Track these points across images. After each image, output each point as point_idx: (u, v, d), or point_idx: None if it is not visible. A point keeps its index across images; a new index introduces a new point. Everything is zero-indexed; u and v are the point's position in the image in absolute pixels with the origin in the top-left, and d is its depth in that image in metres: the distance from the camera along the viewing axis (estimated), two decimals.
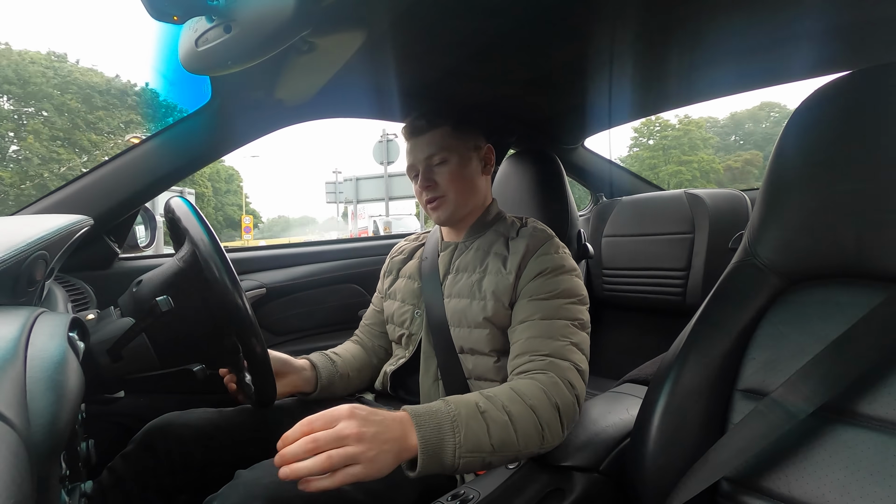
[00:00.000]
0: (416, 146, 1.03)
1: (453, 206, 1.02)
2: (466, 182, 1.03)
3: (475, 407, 0.70)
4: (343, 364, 1.11)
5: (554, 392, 0.78)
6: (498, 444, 0.69)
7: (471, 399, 0.72)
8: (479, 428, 0.68)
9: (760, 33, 1.02)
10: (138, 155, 1.12)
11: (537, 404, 0.75)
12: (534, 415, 0.74)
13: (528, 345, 0.86)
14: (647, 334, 1.94)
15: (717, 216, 1.68)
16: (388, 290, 1.16)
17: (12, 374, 0.42)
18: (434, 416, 0.67)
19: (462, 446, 0.66)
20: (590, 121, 1.72)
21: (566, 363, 0.83)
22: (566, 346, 0.85)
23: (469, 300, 0.97)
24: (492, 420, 0.70)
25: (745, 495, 0.64)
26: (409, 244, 1.20)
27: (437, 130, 1.01)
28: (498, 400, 0.73)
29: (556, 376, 0.80)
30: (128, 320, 0.81)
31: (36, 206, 1.08)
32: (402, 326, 1.08)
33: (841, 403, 0.59)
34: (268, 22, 0.64)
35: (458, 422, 0.67)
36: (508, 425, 0.71)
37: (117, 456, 0.91)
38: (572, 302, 0.90)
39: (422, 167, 1.03)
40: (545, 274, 0.92)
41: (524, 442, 0.72)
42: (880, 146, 0.61)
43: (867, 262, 0.63)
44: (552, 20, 0.93)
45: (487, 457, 0.68)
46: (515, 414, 0.72)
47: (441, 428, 0.66)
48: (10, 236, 0.60)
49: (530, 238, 0.97)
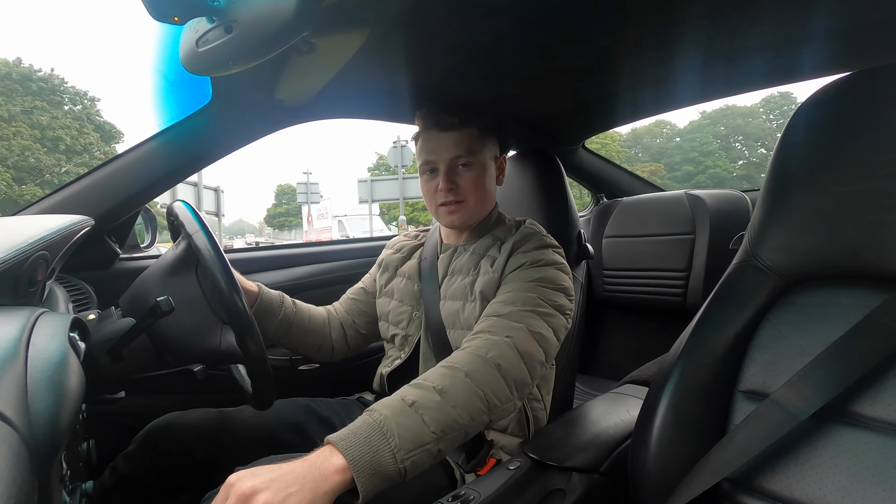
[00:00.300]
0: (441, 142, 0.99)
1: (470, 213, 1.01)
2: (485, 190, 1.02)
3: (401, 402, 0.66)
4: (295, 314, 1.07)
5: (493, 352, 0.75)
6: (440, 428, 0.65)
7: (396, 396, 0.68)
8: (413, 422, 0.64)
9: (761, 34, 1.02)
10: (139, 155, 1.12)
11: (472, 370, 0.72)
12: (470, 383, 0.70)
13: (489, 310, 0.86)
14: (648, 335, 1.94)
15: (718, 217, 1.68)
16: (385, 288, 1.14)
17: (13, 374, 0.42)
18: (359, 433, 0.62)
19: (400, 448, 0.61)
20: (590, 121, 1.72)
21: (517, 324, 0.80)
22: (525, 311, 0.83)
23: (462, 302, 0.97)
24: (424, 408, 0.66)
25: (746, 496, 0.64)
26: (407, 242, 1.19)
27: (466, 131, 0.99)
28: (428, 382, 0.69)
29: (496, 337, 0.77)
30: (129, 321, 0.81)
31: (37, 207, 1.08)
32: (398, 327, 1.08)
33: (842, 405, 0.59)
34: (269, 22, 0.64)
35: (387, 426, 0.63)
36: (444, 404, 0.67)
37: (119, 455, 0.92)
38: (548, 287, 0.88)
39: (445, 166, 0.99)
40: (524, 266, 0.92)
41: (468, 414, 0.68)
42: (882, 147, 0.61)
43: (868, 263, 0.63)
44: (552, 21, 0.93)
45: (434, 445, 0.65)
46: (449, 389, 0.69)
47: (370, 440, 0.61)
48: (11, 236, 0.60)
49: (516, 237, 0.98)
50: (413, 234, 1.22)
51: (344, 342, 1.16)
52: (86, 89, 30.18)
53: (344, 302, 1.20)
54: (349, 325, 1.18)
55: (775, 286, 0.71)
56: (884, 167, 0.61)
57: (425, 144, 1.01)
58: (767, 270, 0.72)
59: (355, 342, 1.18)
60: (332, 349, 1.15)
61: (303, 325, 1.08)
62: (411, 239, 1.19)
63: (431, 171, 1.02)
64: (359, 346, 1.19)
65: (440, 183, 0.99)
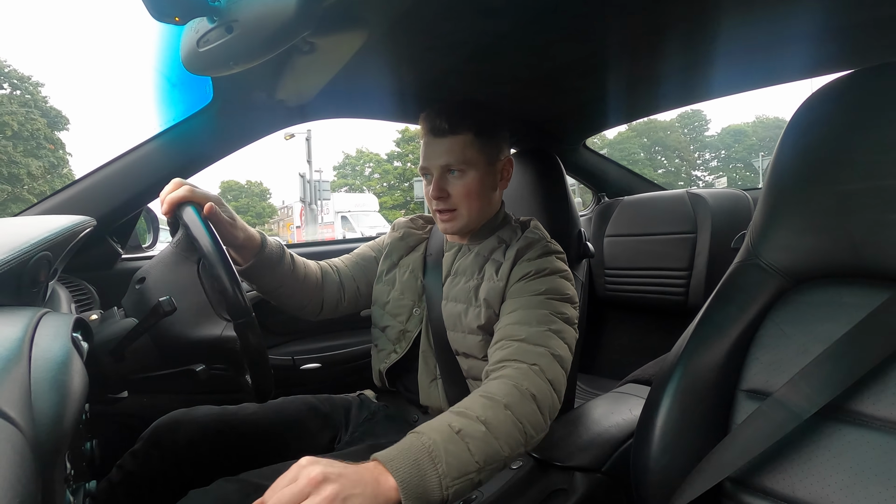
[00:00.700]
0: (434, 149, 0.96)
1: (463, 222, 0.98)
2: (481, 198, 0.98)
3: (449, 429, 0.65)
4: (291, 273, 1.01)
5: (525, 382, 0.75)
6: (483, 458, 0.65)
7: (443, 422, 0.67)
8: (460, 450, 0.63)
9: (761, 33, 1.02)
10: (141, 156, 1.12)
11: (511, 402, 0.72)
12: (511, 414, 0.70)
13: (505, 331, 0.85)
14: (650, 334, 1.94)
15: (720, 216, 1.68)
16: (386, 276, 1.10)
17: (16, 374, 0.43)
18: (408, 454, 0.61)
19: (447, 475, 0.61)
20: (590, 121, 1.72)
21: (540, 348, 0.80)
22: (543, 332, 0.82)
23: (465, 305, 0.96)
24: (470, 437, 0.65)
25: (748, 496, 0.64)
26: (414, 231, 1.14)
27: (459, 137, 0.94)
28: (471, 412, 0.69)
29: (524, 364, 0.77)
30: (131, 321, 0.81)
31: (39, 207, 1.08)
32: (396, 319, 1.05)
33: (845, 404, 0.59)
34: (269, 23, 0.64)
35: (436, 451, 0.61)
36: (488, 435, 0.67)
37: (126, 453, 0.92)
38: (555, 298, 0.88)
39: (436, 173, 0.96)
40: (529, 276, 0.91)
41: (509, 446, 0.68)
42: (883, 146, 0.61)
43: (870, 261, 0.63)
44: (552, 20, 0.93)
45: (476, 476, 0.64)
46: (492, 420, 0.68)
47: (419, 464, 0.60)
48: (14, 237, 0.60)
49: (521, 243, 0.96)
50: (420, 223, 1.17)
51: (335, 304, 1.10)
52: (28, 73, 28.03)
53: (351, 266, 1.14)
54: (352, 290, 1.12)
55: (777, 285, 0.71)
56: (884, 166, 0.61)
57: (423, 149, 0.99)
58: (769, 269, 0.72)
59: (349, 307, 1.12)
60: (320, 309, 1.09)
61: (295, 283, 1.02)
62: (418, 229, 1.15)
63: (427, 175, 0.99)
64: (348, 311, 1.13)
65: (431, 189, 0.97)
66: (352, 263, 1.14)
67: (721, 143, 40.91)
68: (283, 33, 0.65)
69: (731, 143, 40.13)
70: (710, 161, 39.30)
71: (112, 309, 0.88)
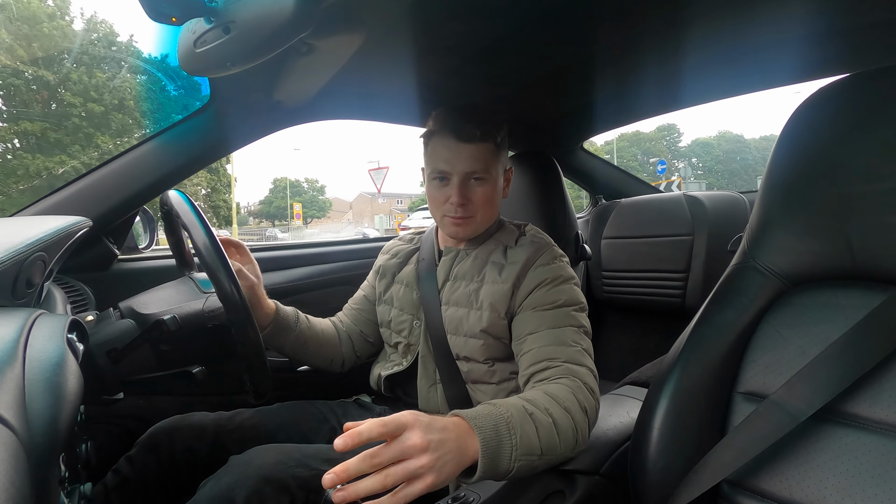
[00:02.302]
0: (459, 153, 0.93)
1: (475, 227, 0.99)
2: (494, 205, 1.00)
3: (523, 409, 0.67)
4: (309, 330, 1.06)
5: (580, 395, 0.76)
6: (546, 446, 0.67)
7: (517, 401, 0.69)
8: (531, 429, 0.66)
9: (761, 36, 1.02)
10: (137, 156, 1.12)
11: (571, 407, 0.73)
12: (570, 418, 0.72)
13: (542, 353, 0.84)
14: (647, 336, 1.94)
15: (717, 218, 1.68)
16: (384, 296, 1.13)
17: (11, 375, 0.42)
18: (490, 418, 0.63)
19: (518, 448, 0.63)
20: (588, 123, 1.72)
21: (583, 368, 0.81)
22: (579, 352, 0.83)
23: (467, 309, 0.96)
24: (539, 422, 0.67)
25: (745, 498, 0.64)
26: (403, 246, 1.17)
27: (485, 145, 0.94)
28: (539, 402, 0.70)
29: (579, 381, 0.79)
30: (127, 322, 0.81)
31: (35, 208, 1.08)
32: (400, 335, 1.07)
33: (842, 406, 0.59)
34: (267, 23, 0.64)
35: (513, 423, 0.64)
36: (552, 427, 0.68)
37: (122, 458, 0.92)
38: (576, 309, 0.89)
39: (458, 179, 0.94)
40: (545, 284, 0.91)
41: (564, 445, 0.70)
42: (881, 148, 0.61)
43: (867, 264, 0.63)
44: (551, 23, 0.93)
45: (536, 460, 0.66)
46: (557, 416, 0.70)
47: (498, 429, 0.62)
48: (9, 238, 0.60)
49: (529, 248, 0.96)
50: (408, 237, 1.20)
51: (353, 352, 1.16)
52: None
53: (349, 313, 1.19)
54: (357, 335, 1.17)
55: (774, 287, 0.71)
56: (882, 168, 0.61)
57: (439, 151, 0.95)
58: (766, 272, 0.72)
59: (364, 351, 1.17)
60: (343, 360, 1.14)
61: (317, 340, 1.08)
62: (406, 243, 1.18)
63: (442, 178, 0.97)
64: (367, 354, 1.19)
65: (453, 196, 0.95)
66: (350, 312, 1.20)
67: (692, 152, 50.04)
68: (280, 34, 0.65)
69: (700, 153, 48.75)
70: (686, 168, 44.24)
71: (108, 310, 0.88)
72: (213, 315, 0.86)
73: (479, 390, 0.97)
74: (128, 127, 18.53)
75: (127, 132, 18.48)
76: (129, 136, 18.32)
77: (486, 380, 0.96)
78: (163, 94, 18.73)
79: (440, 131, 0.95)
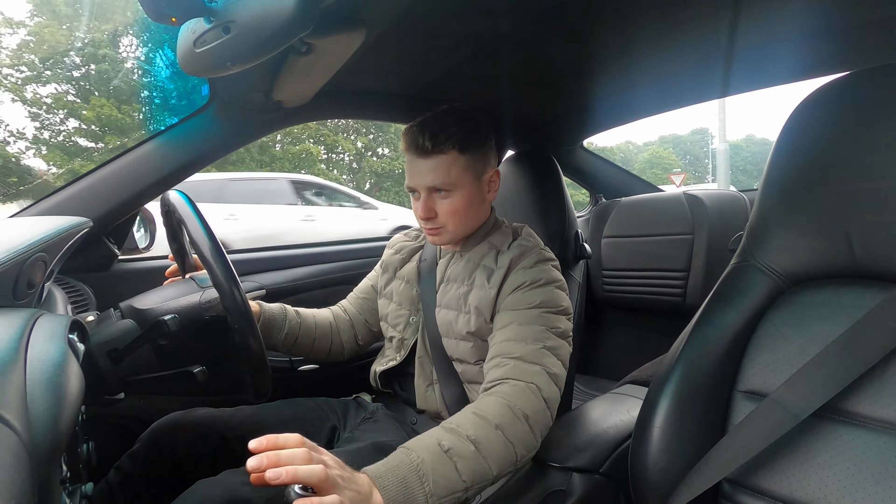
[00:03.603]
0: (418, 168, 0.94)
1: (451, 236, 0.98)
2: (468, 212, 0.97)
3: (438, 447, 0.67)
4: (300, 325, 1.07)
5: (519, 402, 0.75)
6: (470, 478, 0.66)
7: (433, 438, 0.68)
8: (447, 469, 0.65)
9: (760, 34, 1.02)
10: (137, 157, 1.12)
11: (503, 422, 0.72)
12: (502, 435, 0.71)
13: (500, 348, 0.85)
14: (648, 335, 1.94)
15: (717, 217, 1.68)
16: (385, 290, 1.14)
17: (12, 376, 0.42)
18: (397, 472, 0.63)
19: (433, 494, 0.63)
20: (588, 122, 1.72)
21: (536, 367, 0.80)
22: (538, 350, 0.83)
23: (456, 312, 0.97)
24: (459, 456, 0.66)
25: (746, 496, 0.64)
26: (408, 243, 1.18)
27: (443, 156, 0.91)
28: (462, 431, 0.70)
29: (521, 383, 0.78)
30: (128, 322, 0.81)
31: (35, 208, 1.08)
32: (396, 329, 1.08)
33: (842, 404, 0.59)
34: (267, 23, 0.64)
35: (424, 470, 0.63)
36: (477, 455, 0.68)
37: (124, 455, 0.92)
38: (550, 311, 0.88)
39: (423, 194, 0.95)
40: (523, 287, 0.90)
41: (497, 466, 0.70)
42: (881, 146, 0.61)
43: (868, 262, 0.63)
44: (551, 21, 0.93)
45: (462, 494, 0.66)
46: (482, 440, 0.69)
47: (407, 482, 0.62)
48: (10, 238, 0.60)
49: (515, 251, 0.95)
50: (414, 234, 1.21)
51: (354, 341, 1.17)
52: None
53: (354, 301, 1.21)
54: (361, 323, 1.18)
55: (774, 286, 0.71)
56: (883, 166, 0.61)
57: (408, 166, 0.97)
58: (766, 270, 0.72)
59: (366, 339, 1.19)
60: (343, 349, 1.16)
61: (310, 334, 1.09)
62: (412, 240, 1.19)
63: (413, 192, 0.98)
64: (369, 343, 1.20)
65: (419, 210, 0.96)
66: (355, 300, 1.21)
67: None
68: (280, 34, 0.65)
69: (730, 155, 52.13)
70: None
71: (108, 310, 0.88)
72: (210, 306, 0.86)
73: (475, 390, 0.97)
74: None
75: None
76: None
77: (479, 380, 0.97)
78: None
79: (405, 147, 0.96)
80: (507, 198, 1.34)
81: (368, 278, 1.23)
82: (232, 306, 0.77)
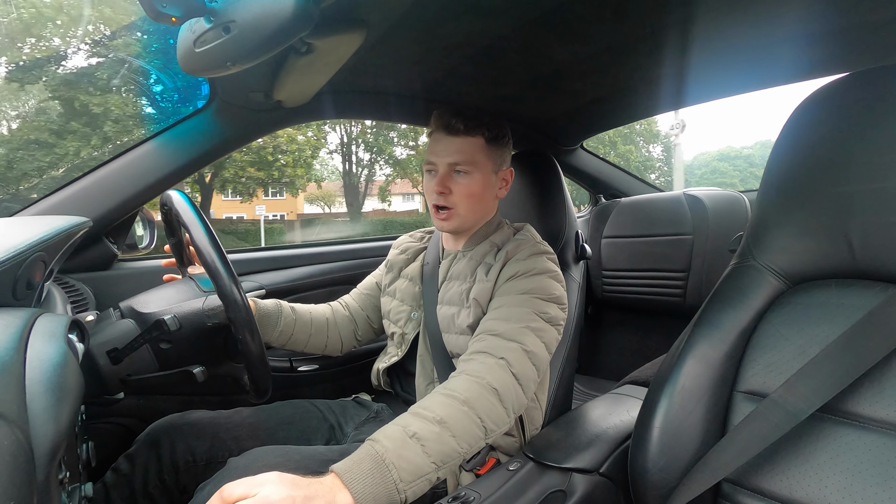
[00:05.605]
0: (444, 146, 0.99)
1: (460, 221, 1.01)
2: (480, 201, 1.01)
3: (403, 433, 0.68)
4: (295, 321, 1.08)
5: (488, 377, 0.77)
6: (440, 458, 0.68)
7: (397, 426, 0.69)
8: (413, 454, 0.66)
9: (759, 35, 1.02)
10: (137, 156, 1.12)
11: (470, 397, 0.73)
12: (469, 410, 0.72)
13: (485, 325, 0.87)
14: (648, 336, 1.94)
15: (717, 218, 1.68)
16: (388, 288, 1.16)
17: (12, 375, 0.42)
18: (362, 465, 0.64)
19: (402, 480, 0.64)
20: (589, 122, 1.72)
21: (512, 343, 0.82)
22: (520, 328, 0.84)
23: (458, 308, 0.98)
24: (424, 438, 0.68)
25: (746, 497, 0.64)
26: (413, 243, 1.20)
27: (471, 139, 0.98)
28: (428, 412, 0.71)
29: (492, 358, 0.79)
30: (128, 322, 0.81)
31: (35, 208, 1.08)
32: (397, 325, 1.09)
33: (842, 405, 0.59)
34: (267, 23, 0.64)
35: (388, 458, 0.64)
36: (444, 434, 0.69)
37: (122, 456, 0.92)
38: (540, 297, 0.90)
39: (442, 170, 0.99)
40: (516, 276, 0.92)
41: (467, 443, 0.71)
42: (881, 148, 0.61)
43: (867, 263, 0.63)
44: (551, 22, 0.93)
45: (433, 474, 0.67)
46: (449, 419, 0.70)
47: (373, 474, 0.63)
48: (9, 238, 0.60)
49: (510, 245, 0.98)
50: (419, 235, 1.23)
51: (353, 336, 1.18)
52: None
53: (357, 297, 1.22)
54: (362, 319, 1.19)
55: (774, 286, 0.71)
56: (882, 168, 0.61)
57: (431, 145, 1.02)
58: (766, 271, 0.72)
59: (366, 335, 1.20)
60: (341, 344, 1.17)
61: (305, 330, 1.10)
62: (416, 241, 1.20)
63: (430, 171, 1.02)
64: (368, 339, 1.22)
65: (435, 185, 0.99)
66: (358, 295, 1.23)
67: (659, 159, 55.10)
68: (280, 34, 0.65)
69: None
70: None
71: (108, 310, 0.88)
72: (214, 314, 0.86)
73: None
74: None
75: None
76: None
77: None
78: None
79: (434, 128, 1.01)
80: (507, 198, 1.34)
81: (373, 276, 1.25)
82: (237, 317, 0.77)
